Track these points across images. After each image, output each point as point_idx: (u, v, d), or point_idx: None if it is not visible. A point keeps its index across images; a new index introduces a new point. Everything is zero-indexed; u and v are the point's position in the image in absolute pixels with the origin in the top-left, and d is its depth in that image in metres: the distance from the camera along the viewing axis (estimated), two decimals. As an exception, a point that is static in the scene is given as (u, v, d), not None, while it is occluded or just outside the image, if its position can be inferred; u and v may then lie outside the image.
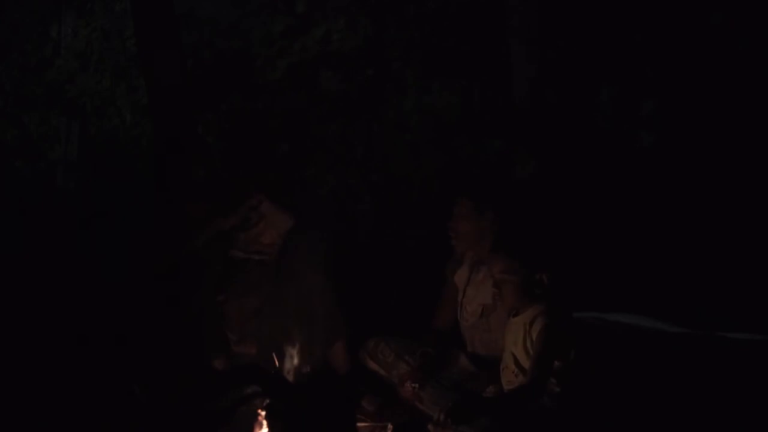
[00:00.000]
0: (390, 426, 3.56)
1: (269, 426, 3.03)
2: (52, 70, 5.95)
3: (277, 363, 3.60)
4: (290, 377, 3.51)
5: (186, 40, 4.58)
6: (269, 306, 4.00)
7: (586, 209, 5.16)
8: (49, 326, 3.93)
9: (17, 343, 3.83)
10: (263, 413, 3.06)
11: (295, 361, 3.70)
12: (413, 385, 3.55)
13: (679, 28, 5.53)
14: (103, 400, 3.40)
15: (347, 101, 4.97)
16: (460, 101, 5.11)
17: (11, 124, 5.89)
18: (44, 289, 4.18)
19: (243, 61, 4.75)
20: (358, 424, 3.52)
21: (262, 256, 4.11)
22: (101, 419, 3.32)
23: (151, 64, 4.36)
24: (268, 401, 3.05)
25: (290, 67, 5.13)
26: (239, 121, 4.82)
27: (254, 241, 4.11)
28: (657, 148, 5.53)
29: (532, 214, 4.62)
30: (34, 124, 5.90)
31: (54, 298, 4.13)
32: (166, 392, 3.34)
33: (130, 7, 4.60)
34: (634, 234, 5.13)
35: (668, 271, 4.82)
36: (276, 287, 4.03)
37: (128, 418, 3.28)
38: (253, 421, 3.07)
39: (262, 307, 4.03)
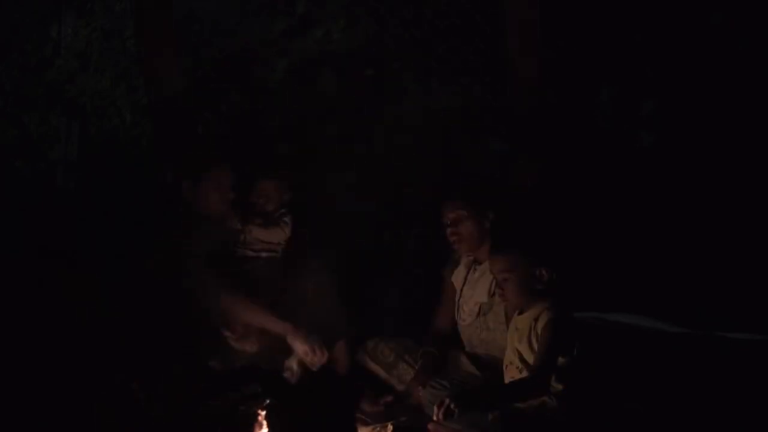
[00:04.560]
0: (390, 426, 3.56)
1: (269, 426, 3.03)
2: (52, 70, 5.95)
3: (277, 363, 3.60)
4: (290, 377, 3.51)
5: (186, 40, 4.58)
6: (271, 305, 4.00)
7: (585, 209, 5.15)
8: (48, 326, 3.92)
9: (17, 342, 3.83)
10: (263, 413, 3.06)
11: (296, 360, 3.70)
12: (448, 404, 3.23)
13: (679, 28, 5.53)
14: (102, 399, 3.40)
15: (347, 101, 4.97)
16: (460, 101, 5.12)
17: (11, 124, 5.89)
18: (44, 289, 4.18)
19: (243, 61, 4.75)
20: (358, 424, 3.52)
21: (270, 253, 4.12)
22: (100, 419, 3.32)
23: (151, 64, 4.37)
24: (268, 401, 3.04)
25: (290, 67, 5.13)
26: (239, 121, 4.82)
27: (259, 240, 4.11)
28: (657, 148, 5.53)
29: (531, 212, 4.62)
30: (34, 124, 5.90)
31: (54, 297, 4.12)
32: (166, 392, 3.33)
33: (130, 7, 4.61)
34: (634, 234, 5.13)
35: (668, 271, 4.81)
36: (277, 287, 4.03)
37: (127, 418, 3.27)
38: (253, 421, 3.07)
39: (269, 304, 4.02)
